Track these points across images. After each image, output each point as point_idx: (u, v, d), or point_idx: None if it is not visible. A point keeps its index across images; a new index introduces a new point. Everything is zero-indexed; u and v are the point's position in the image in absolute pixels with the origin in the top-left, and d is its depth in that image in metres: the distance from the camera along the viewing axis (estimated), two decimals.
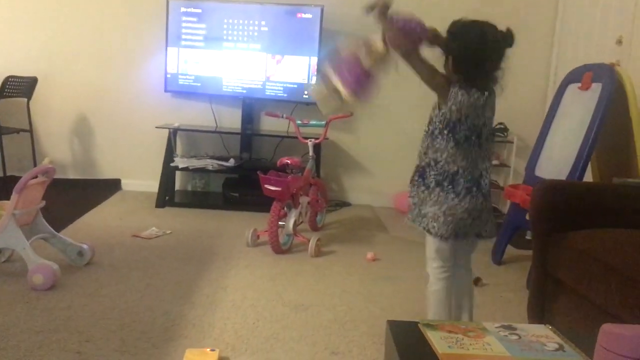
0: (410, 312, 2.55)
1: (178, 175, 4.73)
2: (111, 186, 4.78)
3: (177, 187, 4.75)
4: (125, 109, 4.77)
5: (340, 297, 2.67)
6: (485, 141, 1.95)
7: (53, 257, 2.73)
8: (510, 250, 3.49)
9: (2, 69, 4.37)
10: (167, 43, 4.49)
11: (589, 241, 1.96)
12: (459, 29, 1.92)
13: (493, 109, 1.97)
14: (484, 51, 1.89)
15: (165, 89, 4.58)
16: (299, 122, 3.93)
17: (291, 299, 2.62)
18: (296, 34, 4.43)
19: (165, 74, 4.54)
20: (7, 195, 2.62)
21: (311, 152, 3.79)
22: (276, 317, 2.41)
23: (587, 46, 4.19)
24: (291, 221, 3.35)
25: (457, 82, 1.88)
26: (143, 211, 4.15)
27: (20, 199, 2.55)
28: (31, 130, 4.52)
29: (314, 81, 1.93)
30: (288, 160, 3.54)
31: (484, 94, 1.89)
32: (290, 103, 4.52)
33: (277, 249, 3.27)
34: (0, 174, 4.33)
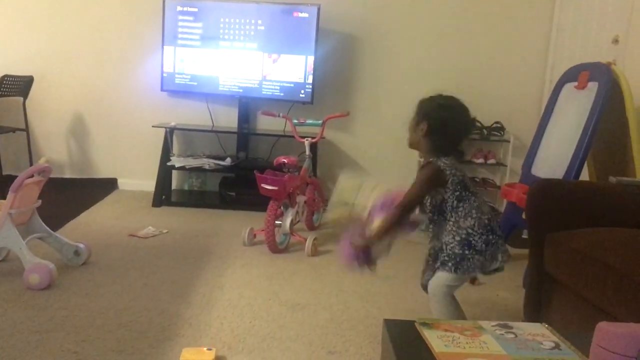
0: (406, 311, 2.55)
1: (174, 174, 4.73)
2: (107, 185, 4.78)
3: (173, 186, 4.75)
4: (121, 108, 4.77)
5: (337, 297, 2.67)
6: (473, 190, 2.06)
7: (49, 256, 2.73)
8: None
9: None
10: (163, 42, 4.49)
11: (585, 240, 1.96)
12: (442, 100, 2.08)
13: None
14: (459, 125, 2.07)
15: (162, 88, 4.58)
16: (296, 121, 3.93)
17: (288, 298, 2.62)
18: (293, 33, 4.43)
19: (162, 73, 4.53)
20: (3, 195, 2.61)
21: (308, 151, 3.79)
22: (273, 317, 2.41)
23: (583, 45, 4.20)
24: (288, 220, 3.35)
25: (436, 160, 2.01)
26: (139, 210, 4.14)
27: (17, 199, 2.55)
28: (27, 129, 4.51)
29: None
30: (285, 160, 3.54)
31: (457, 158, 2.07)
32: (287, 102, 4.52)
33: (273, 248, 3.27)
34: None
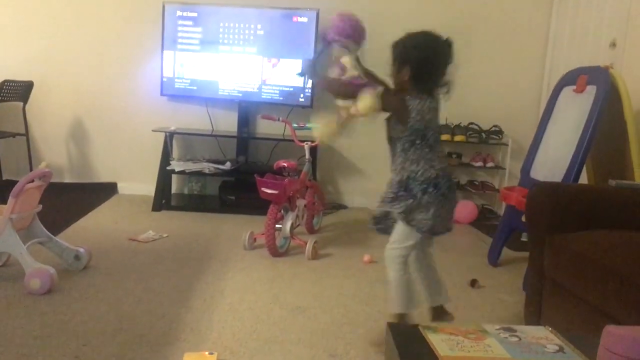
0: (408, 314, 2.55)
1: (174, 178, 4.73)
2: (107, 190, 4.78)
3: (173, 190, 4.75)
4: (121, 113, 4.77)
5: (338, 300, 2.68)
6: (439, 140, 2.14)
7: (50, 261, 2.73)
8: (506, 252, 3.50)
9: None
10: (163, 47, 4.49)
11: (585, 243, 1.97)
12: (415, 41, 2.06)
13: (438, 111, 2.13)
14: (438, 59, 2.04)
15: (162, 92, 4.58)
16: (295, 125, 3.93)
17: (289, 301, 2.63)
18: (292, 37, 4.44)
19: (162, 77, 4.54)
20: (3, 200, 2.61)
21: (307, 155, 3.80)
22: (274, 320, 2.41)
23: (581, 49, 4.22)
24: (288, 224, 3.36)
25: (412, 93, 2.03)
26: (139, 215, 4.14)
27: (17, 203, 2.55)
28: (27, 134, 4.51)
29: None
30: (284, 163, 3.55)
31: (435, 98, 2.08)
32: (286, 106, 4.53)
33: (274, 251, 3.28)
34: None
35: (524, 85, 4.86)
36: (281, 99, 4.52)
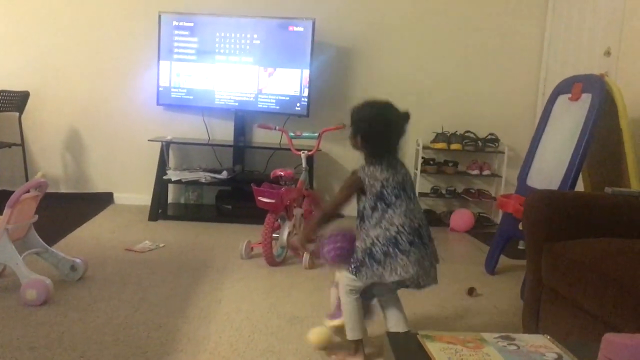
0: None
1: (171, 188, 4.73)
2: (104, 200, 4.77)
3: (170, 200, 4.75)
4: (117, 123, 4.77)
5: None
6: (412, 194, 2.12)
7: (46, 271, 2.72)
8: (503, 260, 3.50)
9: None
10: (159, 57, 4.50)
11: (583, 250, 1.97)
12: (366, 115, 2.11)
13: (403, 165, 2.16)
14: (388, 131, 2.10)
15: (158, 102, 4.59)
16: (292, 134, 3.94)
17: (286, 311, 2.62)
18: (288, 46, 4.46)
19: (158, 87, 4.55)
20: None
21: (304, 164, 3.79)
22: (271, 330, 2.40)
23: (575, 57, 4.24)
24: (285, 233, 3.35)
25: (364, 164, 2.12)
26: (136, 225, 4.13)
27: (13, 214, 2.54)
28: (23, 144, 4.51)
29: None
30: (281, 172, 3.54)
31: (388, 163, 2.10)
32: (283, 115, 4.54)
33: (271, 261, 3.27)
34: None
35: (519, 93, 4.88)
36: (277, 108, 4.53)
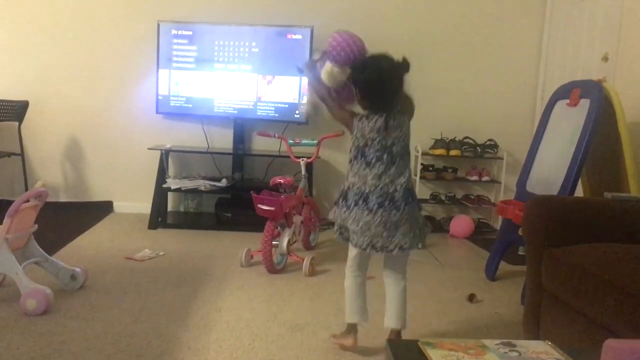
0: (406, 330, 2.54)
1: (170, 196, 4.73)
2: (103, 208, 4.77)
3: (169, 208, 4.75)
4: (116, 131, 4.78)
5: (336, 316, 2.66)
6: (398, 158, 2.17)
7: (46, 281, 2.71)
8: (503, 266, 3.50)
9: None
10: (158, 65, 4.51)
11: (583, 256, 1.97)
12: (360, 65, 2.14)
13: (402, 127, 2.19)
14: (381, 80, 2.12)
15: (157, 110, 4.59)
16: (291, 141, 3.94)
17: (286, 319, 2.61)
18: (286, 54, 4.47)
19: (157, 95, 4.55)
20: None
21: (303, 171, 3.80)
22: (272, 338, 2.39)
23: (573, 63, 4.25)
24: (285, 240, 3.35)
25: (361, 112, 2.18)
26: (135, 233, 4.13)
27: (13, 223, 2.54)
28: (22, 153, 4.51)
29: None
30: (281, 180, 3.55)
31: (385, 116, 2.14)
32: (282, 123, 4.55)
33: (271, 268, 3.27)
34: None
35: (518, 99, 4.89)
36: (276, 115, 4.53)
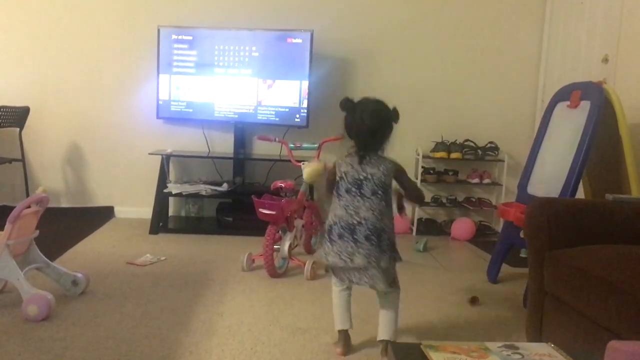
0: (408, 333, 2.54)
1: (171, 201, 4.73)
2: (104, 214, 4.77)
3: (170, 213, 4.75)
4: (117, 137, 4.78)
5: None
6: (370, 194, 2.18)
7: (47, 286, 2.71)
8: (505, 269, 3.50)
9: None
10: (158, 70, 4.52)
11: (585, 258, 1.97)
12: (351, 106, 2.22)
13: (380, 167, 2.21)
14: (362, 125, 2.19)
15: (158, 115, 4.60)
16: (292, 145, 3.94)
17: (288, 322, 2.61)
18: (287, 58, 4.48)
19: (157, 100, 4.56)
20: (0, 226, 2.60)
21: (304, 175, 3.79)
22: (274, 342, 2.39)
23: (573, 65, 4.26)
24: (286, 244, 3.35)
25: (341, 158, 2.28)
26: (137, 238, 4.13)
27: (14, 229, 2.54)
28: (23, 159, 4.51)
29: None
30: (282, 184, 3.55)
31: (360, 156, 2.22)
32: (282, 127, 4.55)
33: (272, 272, 3.26)
34: None
35: (518, 101, 4.90)
36: (277, 119, 4.54)
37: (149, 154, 4.43)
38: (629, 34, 3.62)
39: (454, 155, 4.67)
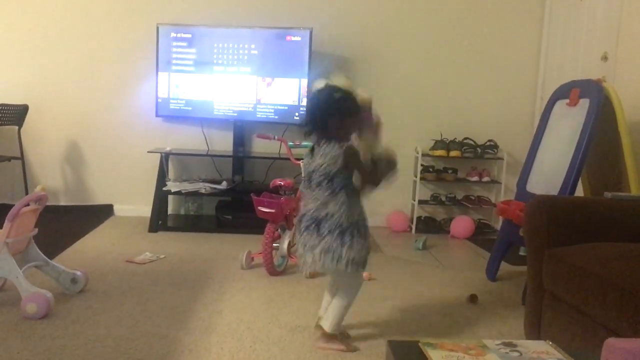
0: (407, 331, 2.54)
1: (171, 199, 4.72)
2: (104, 212, 4.77)
3: (169, 211, 4.74)
4: (116, 135, 4.78)
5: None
6: (316, 185, 2.21)
7: (46, 285, 2.71)
8: (504, 267, 3.50)
9: None
10: (157, 68, 4.51)
11: (584, 255, 1.97)
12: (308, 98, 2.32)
13: (326, 157, 2.18)
14: (314, 109, 2.26)
15: (157, 113, 4.59)
16: (291, 143, 3.93)
17: (287, 320, 2.61)
18: (286, 56, 4.48)
19: (157, 98, 4.55)
20: None
21: (303, 173, 3.79)
22: (273, 340, 2.39)
23: (572, 63, 4.25)
24: (285, 242, 3.35)
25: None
26: (136, 236, 4.13)
27: (13, 227, 2.54)
28: (22, 157, 4.51)
29: None
30: (281, 182, 3.54)
31: (311, 148, 2.25)
32: (282, 125, 4.55)
33: (271, 271, 3.26)
34: None
35: (517, 99, 4.89)
36: (276, 117, 4.54)
37: (148, 152, 4.43)
38: (628, 32, 3.61)
39: (453, 153, 4.67)
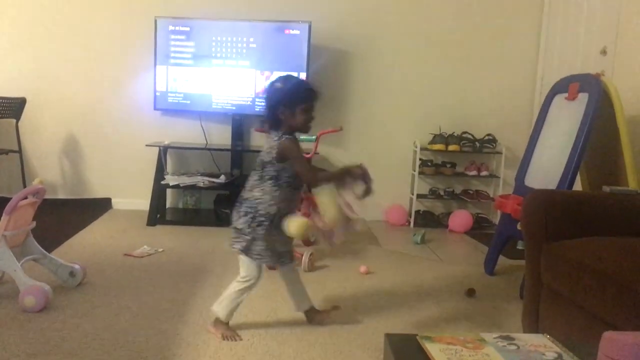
0: (405, 325, 2.55)
1: (169, 192, 4.72)
2: (102, 205, 4.76)
3: (168, 204, 4.74)
4: (114, 128, 4.77)
5: (335, 312, 2.66)
6: (253, 171, 2.37)
7: (44, 278, 2.71)
8: (502, 261, 3.50)
9: None
10: (155, 61, 4.50)
11: (582, 250, 1.97)
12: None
13: (265, 145, 2.36)
14: (265, 101, 2.35)
15: (155, 107, 4.58)
16: None
17: (285, 314, 2.61)
18: (284, 50, 4.46)
19: (155, 92, 4.54)
20: None
21: None
22: (271, 334, 2.39)
23: (572, 57, 4.25)
24: None
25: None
26: (134, 230, 4.12)
27: (11, 221, 2.53)
28: (20, 150, 4.50)
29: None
30: None
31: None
32: None
33: (270, 265, 3.25)
34: None
35: (516, 93, 4.89)
36: None
37: (146, 145, 4.42)
38: (627, 26, 3.61)
39: (451, 147, 4.67)
